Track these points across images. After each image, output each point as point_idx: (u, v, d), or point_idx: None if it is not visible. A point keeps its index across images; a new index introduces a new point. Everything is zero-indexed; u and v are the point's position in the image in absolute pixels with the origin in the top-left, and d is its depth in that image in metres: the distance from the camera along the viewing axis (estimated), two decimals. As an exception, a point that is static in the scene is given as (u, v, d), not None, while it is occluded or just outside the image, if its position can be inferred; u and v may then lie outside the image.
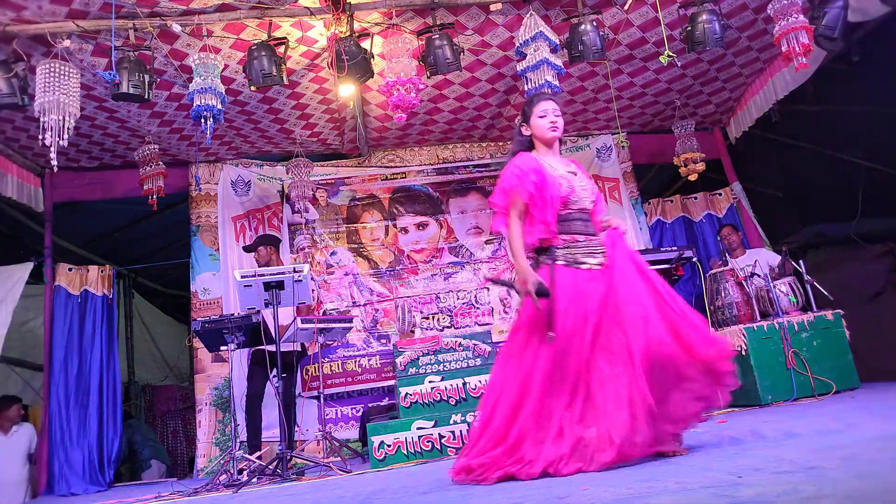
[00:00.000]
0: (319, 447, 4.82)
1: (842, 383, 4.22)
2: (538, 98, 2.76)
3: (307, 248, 6.08)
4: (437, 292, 6.13)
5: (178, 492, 3.86)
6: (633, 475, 1.97)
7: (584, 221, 2.62)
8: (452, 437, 4.17)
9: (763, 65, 5.51)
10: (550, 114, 2.68)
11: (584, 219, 2.63)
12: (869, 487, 1.37)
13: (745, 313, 4.71)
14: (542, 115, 2.69)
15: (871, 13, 4.31)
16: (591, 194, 2.67)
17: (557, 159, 2.72)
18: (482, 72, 5.20)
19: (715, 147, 6.52)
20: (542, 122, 2.68)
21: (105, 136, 5.29)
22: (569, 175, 2.66)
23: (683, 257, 4.44)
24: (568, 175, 2.66)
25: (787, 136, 6.26)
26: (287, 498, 2.90)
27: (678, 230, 6.41)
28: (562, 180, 2.61)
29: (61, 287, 5.47)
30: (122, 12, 3.90)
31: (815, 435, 2.37)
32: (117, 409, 5.47)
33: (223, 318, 4.12)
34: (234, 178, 6.06)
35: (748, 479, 1.60)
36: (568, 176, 2.65)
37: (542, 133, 2.69)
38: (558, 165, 2.68)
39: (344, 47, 4.02)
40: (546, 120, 2.68)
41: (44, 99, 3.66)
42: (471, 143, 6.53)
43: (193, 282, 5.75)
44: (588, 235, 2.60)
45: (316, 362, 5.41)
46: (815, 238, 6.23)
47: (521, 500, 1.85)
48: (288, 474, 3.74)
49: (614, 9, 4.57)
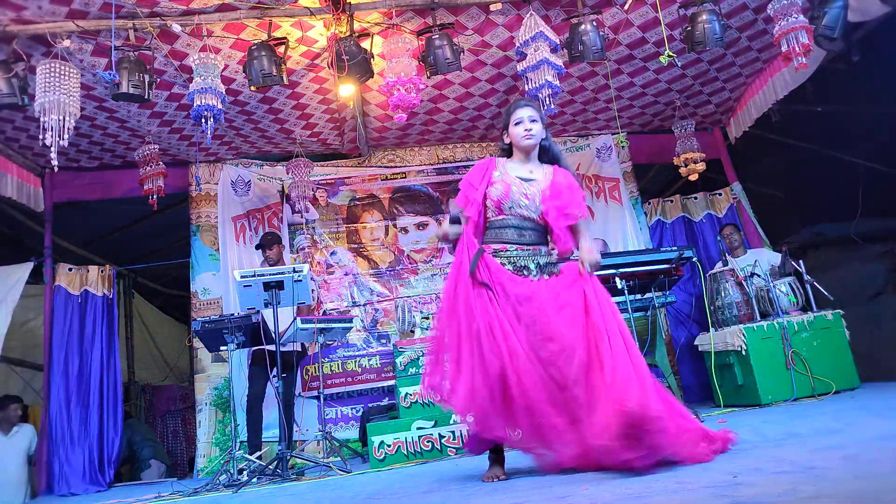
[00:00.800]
0: (319, 447, 4.81)
1: (842, 383, 4.23)
2: (515, 105, 2.69)
3: (307, 248, 6.08)
4: (437, 292, 6.12)
5: (178, 492, 3.86)
6: (633, 475, 1.97)
7: (519, 230, 2.55)
8: (452, 437, 4.16)
9: (763, 65, 5.51)
10: (526, 121, 2.61)
11: (521, 227, 2.55)
12: (869, 487, 1.38)
13: (745, 313, 4.71)
14: (518, 123, 2.63)
15: (871, 13, 4.31)
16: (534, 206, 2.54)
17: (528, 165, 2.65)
18: (482, 72, 5.20)
19: (715, 147, 6.52)
20: (517, 131, 2.63)
21: (105, 136, 5.29)
22: (517, 181, 2.58)
23: (683, 257, 4.44)
24: (514, 181, 2.58)
25: (787, 136, 6.26)
26: (287, 498, 2.90)
27: (678, 230, 6.41)
28: (500, 184, 2.56)
29: (61, 287, 5.46)
30: (122, 12, 3.89)
31: (815, 435, 2.37)
32: (118, 409, 5.46)
33: (223, 318, 4.13)
34: (234, 178, 6.06)
35: (748, 479, 1.60)
36: (511, 182, 2.57)
37: (517, 141, 2.64)
38: (515, 169, 2.62)
39: (344, 47, 4.02)
40: (521, 128, 2.61)
41: (44, 99, 3.66)
42: (471, 143, 6.53)
43: (193, 282, 5.75)
44: (523, 245, 2.53)
45: (316, 362, 5.41)
46: (815, 238, 6.23)
47: (522, 500, 1.85)
48: (288, 474, 3.74)
49: (614, 9, 4.57)
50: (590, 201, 6.42)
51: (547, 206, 2.54)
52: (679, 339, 5.79)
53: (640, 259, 4.50)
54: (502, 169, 2.64)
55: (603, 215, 6.35)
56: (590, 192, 6.41)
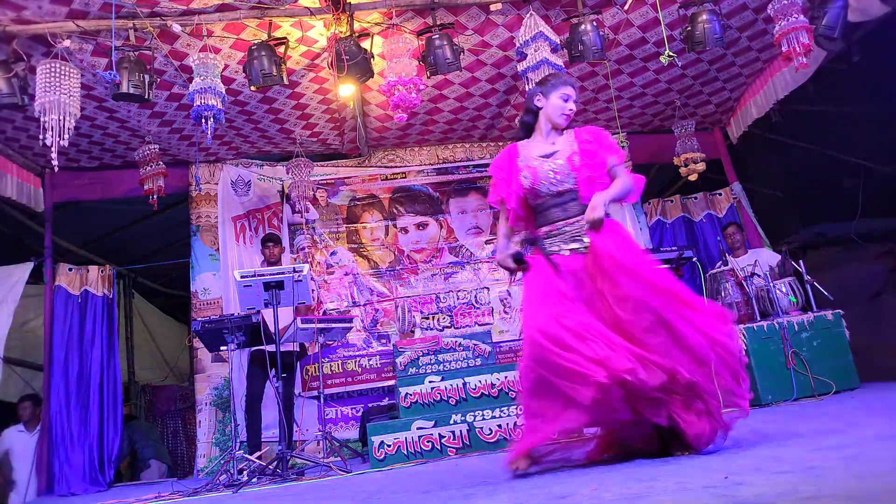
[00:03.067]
0: (319, 447, 4.82)
1: (842, 383, 4.22)
2: (565, 80, 2.67)
3: (307, 248, 6.08)
4: (437, 292, 6.13)
5: (178, 492, 3.85)
6: (633, 475, 1.98)
7: (561, 207, 2.55)
8: (452, 437, 4.16)
9: (763, 65, 5.51)
10: (571, 101, 2.62)
11: (560, 204, 2.55)
12: (869, 487, 1.37)
13: (745, 313, 4.71)
14: (565, 99, 2.61)
15: (871, 13, 4.31)
16: (566, 176, 2.53)
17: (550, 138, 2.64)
18: (482, 72, 5.20)
19: (715, 147, 6.52)
20: (561, 105, 2.61)
21: (105, 136, 5.30)
22: (539, 160, 2.58)
23: (683, 257, 4.44)
24: (536, 161, 2.58)
25: (787, 136, 6.27)
26: (287, 498, 2.90)
27: (678, 230, 6.41)
28: (527, 171, 2.57)
29: (61, 287, 5.46)
30: (122, 12, 3.90)
31: (815, 435, 2.37)
32: (118, 409, 5.46)
33: (223, 318, 4.12)
34: (234, 178, 6.06)
35: (748, 479, 1.60)
36: (536, 164, 2.57)
37: (554, 115, 2.62)
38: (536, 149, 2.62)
39: (344, 47, 4.02)
40: (566, 105, 2.61)
41: (44, 99, 3.66)
42: (471, 143, 6.53)
43: (193, 282, 5.75)
44: (569, 220, 2.53)
45: (316, 362, 5.41)
46: (815, 238, 6.23)
47: (522, 500, 1.85)
48: (288, 474, 3.74)
49: (614, 9, 4.57)
50: (590, 201, 6.42)
51: (580, 176, 2.53)
52: (679, 339, 5.77)
53: (640, 259, 4.49)
54: (523, 154, 2.62)
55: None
56: (590, 192, 6.41)
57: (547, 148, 2.61)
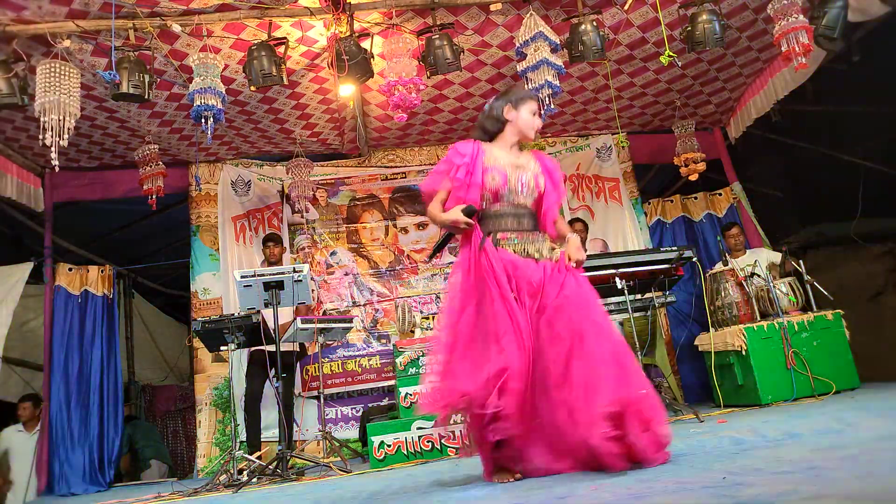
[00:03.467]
0: (319, 447, 4.82)
1: (842, 383, 4.23)
2: (531, 94, 2.74)
3: (307, 248, 6.08)
4: (437, 292, 6.12)
5: (178, 492, 3.86)
6: (633, 475, 1.97)
7: (517, 217, 2.54)
8: (452, 437, 4.16)
9: (763, 65, 5.51)
10: (537, 115, 2.68)
11: (517, 214, 2.55)
12: (869, 487, 1.38)
13: (745, 313, 4.71)
14: (533, 113, 2.66)
15: (871, 13, 4.31)
16: (531, 192, 2.57)
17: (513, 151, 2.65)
18: (482, 72, 5.20)
19: (715, 147, 6.51)
20: (531, 120, 2.65)
21: (105, 136, 5.29)
22: (508, 167, 2.57)
23: (683, 257, 4.44)
24: (507, 167, 2.57)
25: (787, 136, 6.26)
26: (287, 498, 2.90)
27: (678, 230, 6.40)
28: (496, 172, 2.54)
29: (61, 287, 5.46)
30: (122, 12, 3.89)
31: (815, 435, 2.37)
32: (118, 409, 5.47)
33: (223, 318, 4.12)
34: (234, 178, 6.06)
35: (748, 479, 1.60)
36: (505, 169, 2.56)
37: (526, 128, 2.64)
38: (503, 156, 2.61)
39: (344, 47, 4.02)
40: (535, 120, 2.66)
41: (44, 99, 3.66)
42: (471, 144, 6.52)
43: (193, 282, 5.75)
44: (522, 232, 2.53)
45: (316, 362, 5.41)
46: (815, 238, 6.23)
47: (522, 500, 1.85)
48: (288, 474, 3.74)
49: (614, 9, 4.56)
50: (589, 201, 6.42)
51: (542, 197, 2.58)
52: (679, 339, 5.79)
53: (640, 259, 4.50)
54: (490, 155, 2.59)
55: (603, 215, 6.35)
56: (590, 192, 6.42)
57: (514, 160, 2.62)
